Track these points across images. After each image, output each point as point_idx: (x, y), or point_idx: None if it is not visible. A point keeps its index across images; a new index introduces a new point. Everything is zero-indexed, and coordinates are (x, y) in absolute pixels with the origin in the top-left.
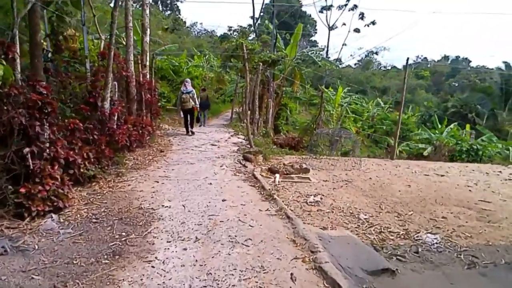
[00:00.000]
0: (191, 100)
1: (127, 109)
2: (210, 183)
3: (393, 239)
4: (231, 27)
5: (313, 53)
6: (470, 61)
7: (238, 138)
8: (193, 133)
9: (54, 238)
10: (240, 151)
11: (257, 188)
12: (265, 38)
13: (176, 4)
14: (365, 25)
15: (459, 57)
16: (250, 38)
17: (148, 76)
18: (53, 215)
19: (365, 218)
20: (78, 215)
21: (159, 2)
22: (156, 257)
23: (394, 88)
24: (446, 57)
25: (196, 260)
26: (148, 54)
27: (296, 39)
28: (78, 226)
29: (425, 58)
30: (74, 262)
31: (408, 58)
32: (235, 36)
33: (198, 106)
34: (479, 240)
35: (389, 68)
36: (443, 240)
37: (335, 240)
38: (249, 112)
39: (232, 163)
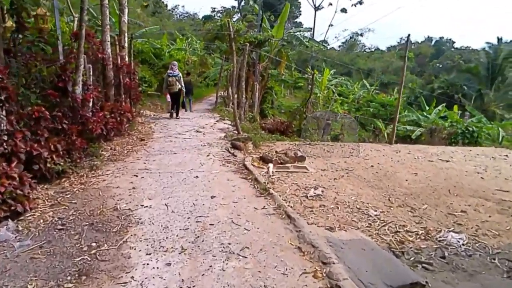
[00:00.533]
0: (177, 83)
1: (104, 95)
2: (197, 176)
3: (412, 241)
4: (214, 8)
5: (300, 33)
6: (454, 42)
7: (224, 123)
8: (178, 117)
9: (8, 253)
10: (228, 138)
11: (250, 181)
12: (251, 18)
13: None
14: (352, 5)
15: (443, 38)
16: (234, 19)
17: (126, 59)
18: (10, 222)
19: (375, 215)
20: (41, 220)
21: None
22: (132, 277)
23: (379, 70)
24: (429, 39)
25: (183, 280)
26: (126, 35)
27: (283, 19)
28: (40, 235)
29: (408, 39)
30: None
31: (409, 35)
32: (219, 17)
33: (184, 89)
34: (510, 239)
35: (373, 50)
36: (469, 240)
37: (347, 245)
38: (235, 96)
39: (220, 151)
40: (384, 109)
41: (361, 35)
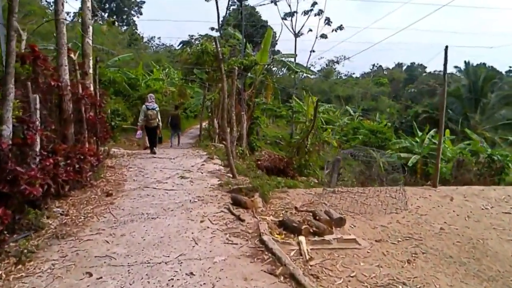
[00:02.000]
0: (157, 117)
1: (60, 134)
2: (191, 273)
3: None
4: (192, 36)
5: (284, 59)
6: (426, 67)
7: (214, 164)
8: (155, 153)
9: None
10: (224, 186)
11: (282, 278)
12: (233, 42)
13: (132, 18)
14: (332, 30)
15: (414, 63)
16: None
17: (92, 88)
18: None
19: None
20: None
21: (115, 16)
22: None
23: (358, 96)
24: (399, 64)
25: None
26: (91, 59)
27: (267, 44)
28: None
29: (380, 66)
30: None
31: (447, 47)
32: (198, 42)
33: (161, 124)
34: None
35: (350, 76)
36: None
37: None
38: (227, 129)
39: (218, 212)
40: (374, 136)
41: (337, 62)
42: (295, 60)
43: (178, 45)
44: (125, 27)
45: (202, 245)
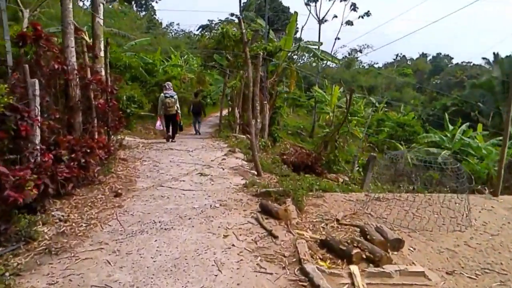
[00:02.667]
0: (175, 105)
1: (66, 123)
2: None
3: None
4: (211, 20)
5: (310, 46)
6: (452, 58)
7: (236, 158)
8: (174, 140)
9: None
10: (249, 188)
11: None
12: (256, 26)
13: (151, 4)
14: (359, 17)
15: (440, 54)
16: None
17: (103, 73)
18: None
19: None
20: None
21: (133, 1)
22: None
23: (382, 87)
24: (424, 55)
25: None
26: (102, 41)
27: (291, 30)
28: None
29: (404, 56)
30: None
31: None
32: (218, 27)
33: (180, 112)
34: None
35: (372, 66)
36: None
37: None
38: (252, 121)
39: (245, 223)
40: (401, 129)
41: (360, 51)
42: (318, 48)
43: (197, 29)
44: (143, 12)
45: (227, 273)
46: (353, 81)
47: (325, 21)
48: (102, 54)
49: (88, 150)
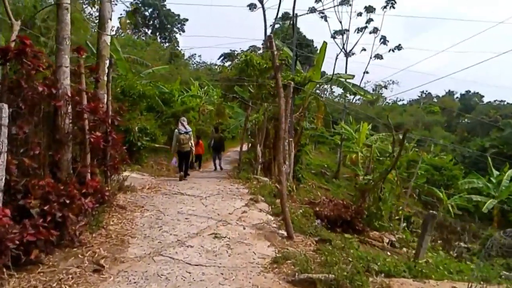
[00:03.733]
0: (189, 142)
1: (51, 161)
2: None
3: None
4: (233, 50)
5: (342, 79)
6: (483, 96)
7: (259, 209)
8: (186, 179)
9: None
10: (281, 264)
11: None
12: (285, 54)
13: (175, 36)
14: (389, 50)
15: (470, 91)
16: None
17: (105, 100)
18: None
19: None
20: None
21: (157, 33)
22: None
23: (409, 125)
24: (451, 92)
25: None
26: (107, 62)
27: (320, 60)
28: None
29: (429, 93)
30: None
31: None
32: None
33: (194, 149)
34: None
35: (395, 102)
36: None
37: None
38: (282, 165)
39: None
40: (438, 173)
41: (385, 87)
42: (346, 81)
43: (219, 58)
44: (167, 44)
45: None
46: (378, 118)
47: (352, 54)
48: (105, 78)
49: (68, 201)
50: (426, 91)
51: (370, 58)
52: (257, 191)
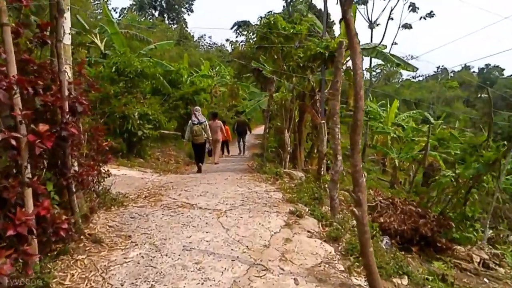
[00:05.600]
0: (203, 132)
1: None
2: None
3: None
4: (247, 20)
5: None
6: (504, 69)
7: (308, 232)
8: (200, 170)
9: None
10: None
11: None
12: (310, 20)
13: (183, 16)
14: (420, 18)
15: (489, 65)
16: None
17: (68, 72)
18: None
19: None
20: None
21: (165, 14)
22: None
23: (429, 101)
24: (467, 67)
25: None
26: (66, 18)
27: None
28: None
29: (445, 68)
30: None
31: None
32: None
33: (210, 138)
34: None
35: (413, 78)
36: None
37: None
38: (338, 160)
39: None
40: (476, 153)
41: (415, 57)
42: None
43: (232, 27)
44: (175, 26)
45: None
46: (396, 95)
47: (377, 25)
48: (68, 41)
49: None
50: (442, 66)
51: (398, 28)
52: (294, 195)
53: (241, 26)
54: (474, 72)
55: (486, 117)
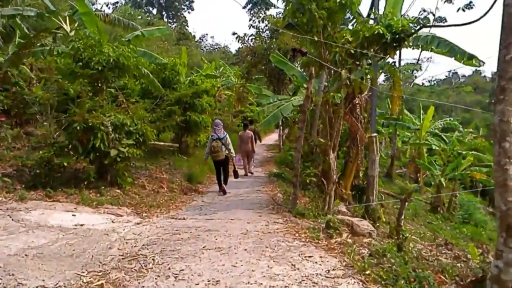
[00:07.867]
0: (223, 148)
1: None
2: None
3: None
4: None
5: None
6: None
7: None
8: (224, 192)
9: None
10: None
11: None
12: None
13: (183, 15)
14: (458, 10)
15: None
16: None
17: None
18: None
19: None
20: None
21: (164, 12)
22: None
23: (448, 107)
24: (478, 72)
25: None
26: None
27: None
28: None
29: (455, 72)
30: None
31: None
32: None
33: (234, 155)
34: None
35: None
36: None
37: None
38: None
39: None
40: None
41: (420, 66)
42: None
43: (244, 7)
44: (174, 24)
45: None
46: (413, 100)
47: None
48: None
49: None
50: (454, 70)
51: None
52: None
53: (257, 4)
54: (485, 76)
55: None
